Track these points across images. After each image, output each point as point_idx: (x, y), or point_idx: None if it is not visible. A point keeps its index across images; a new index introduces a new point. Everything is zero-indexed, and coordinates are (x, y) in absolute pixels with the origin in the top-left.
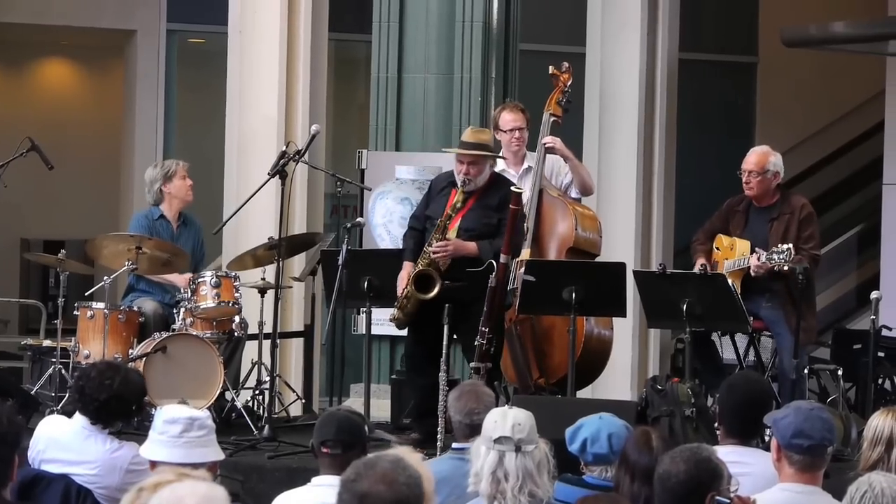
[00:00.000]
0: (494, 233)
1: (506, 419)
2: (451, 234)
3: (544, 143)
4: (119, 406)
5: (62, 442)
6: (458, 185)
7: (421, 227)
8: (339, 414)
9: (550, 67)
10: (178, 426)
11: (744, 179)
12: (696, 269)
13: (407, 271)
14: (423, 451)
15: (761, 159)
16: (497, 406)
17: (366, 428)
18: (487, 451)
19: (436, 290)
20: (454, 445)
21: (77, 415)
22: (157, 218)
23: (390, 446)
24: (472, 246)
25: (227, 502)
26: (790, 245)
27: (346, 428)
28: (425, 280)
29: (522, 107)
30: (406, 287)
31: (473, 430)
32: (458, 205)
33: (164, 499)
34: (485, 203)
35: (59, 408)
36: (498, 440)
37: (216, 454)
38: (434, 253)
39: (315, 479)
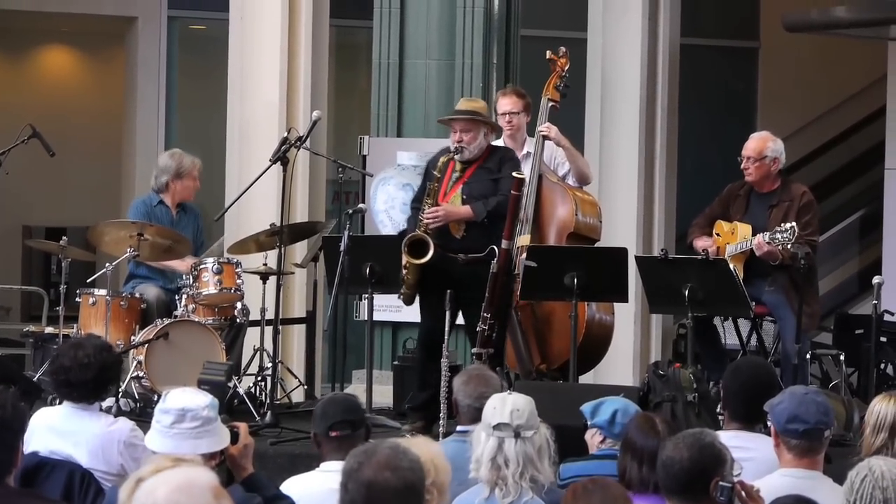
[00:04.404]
0: (493, 193)
1: (504, 405)
2: (456, 201)
3: (540, 131)
4: (109, 374)
5: (58, 428)
6: (453, 154)
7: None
8: (337, 397)
9: (548, 52)
10: (169, 417)
11: (742, 165)
12: (699, 249)
13: None
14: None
15: (759, 145)
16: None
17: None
18: (487, 437)
19: (429, 254)
20: (458, 428)
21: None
22: (156, 204)
23: (400, 434)
24: (465, 209)
25: (209, 490)
26: (793, 223)
27: (351, 408)
28: (418, 245)
29: (521, 91)
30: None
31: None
32: (457, 174)
33: (143, 490)
34: (486, 168)
35: None
36: (497, 426)
37: (209, 446)
38: (426, 218)
39: (324, 465)
